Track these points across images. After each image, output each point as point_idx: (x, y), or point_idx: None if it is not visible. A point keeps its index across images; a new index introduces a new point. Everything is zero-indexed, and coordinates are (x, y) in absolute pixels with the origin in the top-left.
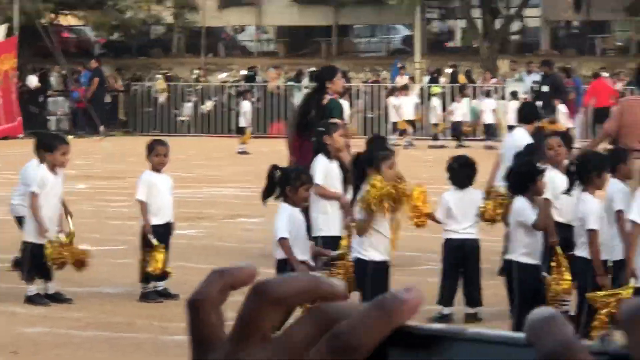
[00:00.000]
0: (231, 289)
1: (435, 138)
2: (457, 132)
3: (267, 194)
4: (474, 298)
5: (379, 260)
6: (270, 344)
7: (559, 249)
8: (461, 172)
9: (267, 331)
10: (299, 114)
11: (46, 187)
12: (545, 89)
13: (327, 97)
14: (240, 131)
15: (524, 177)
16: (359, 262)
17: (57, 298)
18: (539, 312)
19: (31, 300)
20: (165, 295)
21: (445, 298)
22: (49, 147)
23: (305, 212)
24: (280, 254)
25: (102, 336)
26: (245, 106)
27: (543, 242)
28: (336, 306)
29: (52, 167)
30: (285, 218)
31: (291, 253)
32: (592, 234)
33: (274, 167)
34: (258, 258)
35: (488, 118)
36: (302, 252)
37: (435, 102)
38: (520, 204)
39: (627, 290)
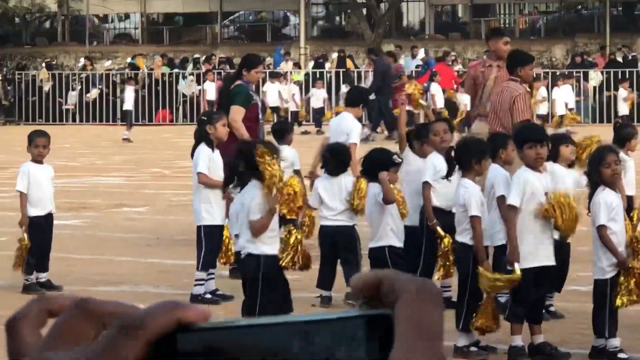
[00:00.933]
0: (50, 314)
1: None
2: (317, 118)
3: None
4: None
5: (271, 254)
6: (76, 349)
7: (439, 231)
8: (333, 160)
9: (78, 339)
10: (217, 99)
11: None
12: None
13: (237, 83)
14: (125, 118)
15: (376, 164)
16: (250, 257)
17: None
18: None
19: None
20: (48, 287)
21: (323, 282)
22: None
23: None
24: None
25: None
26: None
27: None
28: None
29: None
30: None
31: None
32: (474, 220)
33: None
34: (143, 247)
35: None
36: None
37: (294, 89)
38: (376, 190)
39: (515, 276)
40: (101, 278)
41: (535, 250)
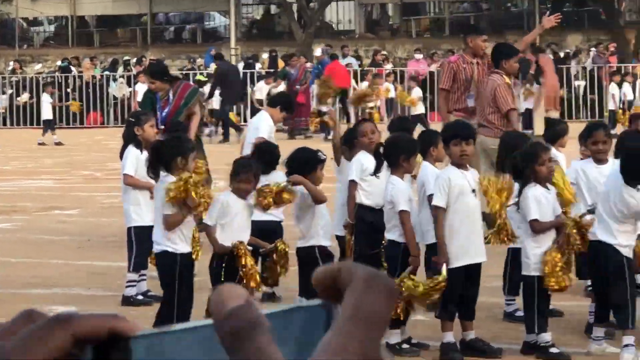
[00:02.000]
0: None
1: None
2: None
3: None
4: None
5: (186, 252)
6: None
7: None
8: (262, 159)
9: (50, 353)
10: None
11: None
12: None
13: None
14: (46, 123)
15: (303, 163)
16: (165, 254)
17: None
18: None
19: None
20: None
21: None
22: None
23: None
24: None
25: None
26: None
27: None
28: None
29: None
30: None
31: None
32: (403, 215)
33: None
34: (75, 250)
35: None
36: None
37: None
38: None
39: (440, 280)
40: (33, 281)
41: (466, 248)
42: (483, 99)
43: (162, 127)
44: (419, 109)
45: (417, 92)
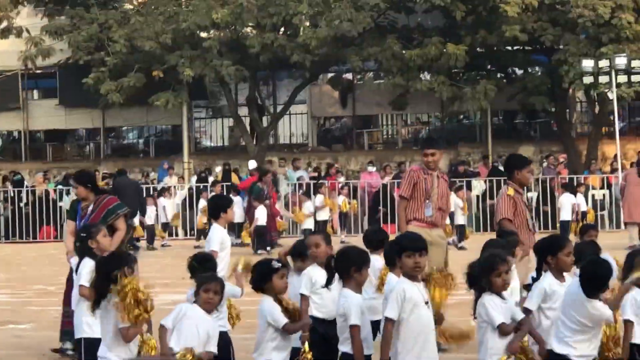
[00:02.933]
0: None
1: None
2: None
3: None
4: None
5: None
6: None
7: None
8: (201, 269)
9: None
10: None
11: None
12: None
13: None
14: None
15: (260, 275)
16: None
17: None
18: None
19: None
20: None
21: None
22: None
23: None
24: None
25: None
26: None
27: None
28: None
29: None
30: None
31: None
32: (353, 329)
33: None
34: None
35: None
36: None
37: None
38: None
39: None
40: None
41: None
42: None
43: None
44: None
45: (308, 207)
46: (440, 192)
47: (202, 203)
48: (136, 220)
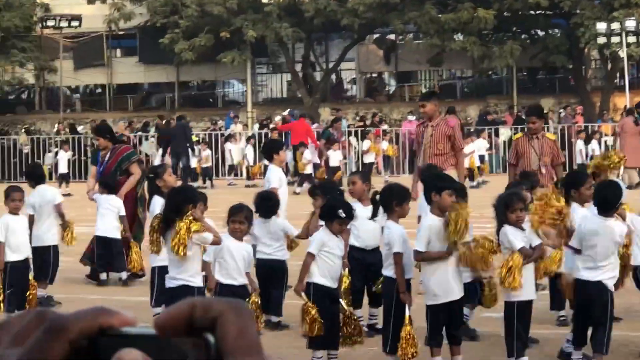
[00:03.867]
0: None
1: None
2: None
3: None
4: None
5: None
6: (13, 351)
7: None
8: (262, 205)
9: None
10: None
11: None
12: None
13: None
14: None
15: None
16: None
17: None
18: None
19: None
20: None
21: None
22: None
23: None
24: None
25: None
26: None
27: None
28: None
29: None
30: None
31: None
32: (396, 256)
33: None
34: None
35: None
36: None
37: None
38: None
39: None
40: None
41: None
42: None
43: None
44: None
45: (307, 155)
46: (435, 139)
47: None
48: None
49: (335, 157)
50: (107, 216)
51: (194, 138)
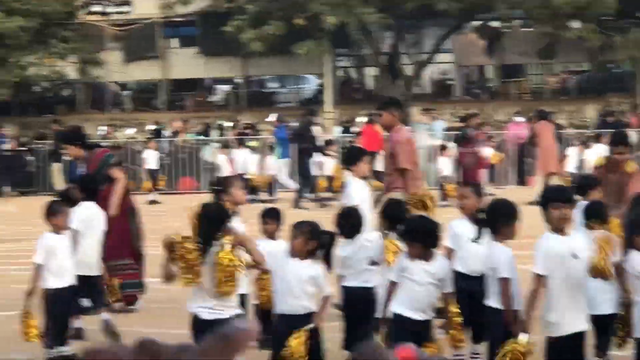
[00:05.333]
0: None
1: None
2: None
3: None
4: None
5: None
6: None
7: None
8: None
9: None
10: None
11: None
12: None
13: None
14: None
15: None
16: None
17: None
18: None
19: None
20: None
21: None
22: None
23: None
24: None
25: None
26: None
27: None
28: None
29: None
30: None
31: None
32: (503, 282)
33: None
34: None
35: None
36: None
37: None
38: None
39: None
40: None
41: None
42: None
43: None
44: None
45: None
46: (387, 153)
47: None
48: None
49: (445, 165)
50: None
51: (254, 144)
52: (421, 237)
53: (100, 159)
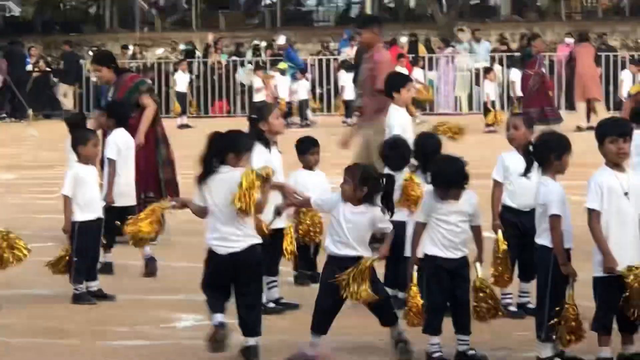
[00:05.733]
0: None
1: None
2: (302, 110)
3: None
4: None
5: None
6: None
7: (499, 234)
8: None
9: None
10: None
11: None
12: None
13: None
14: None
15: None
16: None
17: None
18: None
19: None
20: (100, 296)
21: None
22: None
23: None
24: None
25: (33, 343)
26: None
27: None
28: None
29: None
30: None
31: None
32: (554, 219)
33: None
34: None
35: None
36: None
37: (280, 79)
38: None
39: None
40: (155, 285)
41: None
42: None
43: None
44: None
45: None
46: (364, 74)
47: None
48: None
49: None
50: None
51: (283, 66)
52: (449, 179)
53: (130, 86)
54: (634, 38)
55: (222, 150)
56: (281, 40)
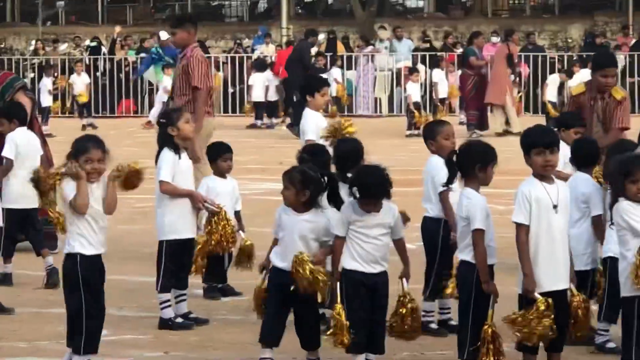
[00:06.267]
0: None
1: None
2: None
3: None
4: None
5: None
6: None
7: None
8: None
9: None
10: None
11: None
12: None
13: None
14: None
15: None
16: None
17: None
18: None
19: None
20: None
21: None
22: None
23: None
24: None
25: None
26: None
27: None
28: None
29: None
30: None
31: None
32: (477, 234)
33: None
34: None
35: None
36: None
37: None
38: None
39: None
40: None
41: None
42: None
43: None
44: None
45: None
46: (176, 73)
47: None
48: None
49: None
50: None
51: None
52: (369, 190)
53: (3, 83)
54: (563, 37)
55: None
56: (163, 35)
